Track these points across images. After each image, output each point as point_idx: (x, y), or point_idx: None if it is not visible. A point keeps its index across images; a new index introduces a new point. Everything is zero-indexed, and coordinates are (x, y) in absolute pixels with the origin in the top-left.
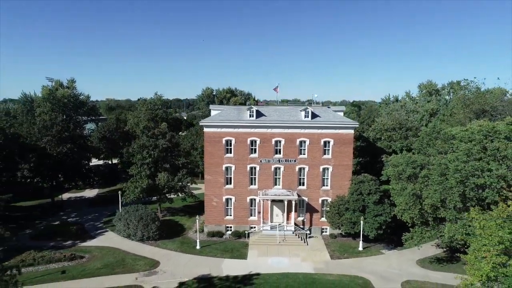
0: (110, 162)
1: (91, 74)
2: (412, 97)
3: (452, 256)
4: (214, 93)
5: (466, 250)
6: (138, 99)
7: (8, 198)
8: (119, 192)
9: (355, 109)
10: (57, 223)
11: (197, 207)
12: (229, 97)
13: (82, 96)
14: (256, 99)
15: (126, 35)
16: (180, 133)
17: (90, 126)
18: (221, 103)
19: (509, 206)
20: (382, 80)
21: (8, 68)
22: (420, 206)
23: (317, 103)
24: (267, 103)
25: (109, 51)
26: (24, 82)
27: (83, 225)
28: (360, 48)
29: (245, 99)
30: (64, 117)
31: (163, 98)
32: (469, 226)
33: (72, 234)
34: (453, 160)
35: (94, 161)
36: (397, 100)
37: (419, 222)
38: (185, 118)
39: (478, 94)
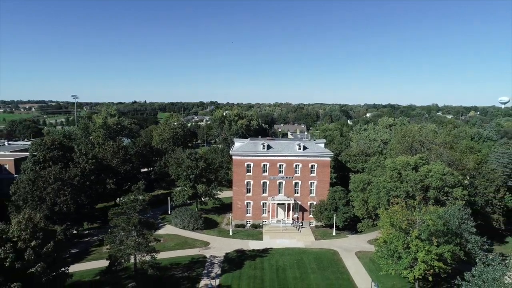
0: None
1: (86, 75)
2: (375, 128)
3: None
4: (225, 115)
5: None
6: (133, 102)
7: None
8: (169, 197)
9: (339, 126)
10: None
11: (221, 208)
12: (237, 119)
13: (124, 123)
14: (257, 118)
15: (119, 36)
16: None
17: (126, 141)
18: (230, 124)
19: (393, 206)
20: (373, 84)
21: None
22: (367, 207)
23: (308, 131)
24: (259, 106)
25: (104, 52)
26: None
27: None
28: (354, 50)
29: (249, 121)
30: (120, 142)
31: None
32: None
33: None
34: (383, 181)
35: None
36: (365, 130)
37: (366, 217)
38: (184, 122)
39: (410, 132)
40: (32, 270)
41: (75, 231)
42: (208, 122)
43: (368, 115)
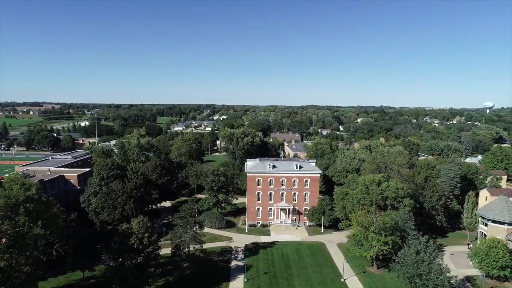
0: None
1: (82, 76)
2: (355, 149)
3: None
4: (233, 133)
5: None
6: (131, 106)
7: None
8: (196, 204)
9: (328, 140)
10: (165, 221)
11: (236, 211)
12: (243, 137)
13: (152, 141)
14: (260, 135)
15: (116, 36)
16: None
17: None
18: (237, 140)
19: (361, 211)
20: (366, 86)
21: None
22: (345, 211)
23: (302, 141)
24: (254, 110)
25: (101, 52)
26: None
27: None
28: (350, 51)
29: (253, 137)
30: (157, 159)
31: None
32: None
33: None
34: (356, 193)
35: None
36: (347, 149)
37: (344, 218)
38: (182, 129)
39: (380, 154)
40: (147, 249)
41: None
42: (209, 129)
43: (358, 120)
